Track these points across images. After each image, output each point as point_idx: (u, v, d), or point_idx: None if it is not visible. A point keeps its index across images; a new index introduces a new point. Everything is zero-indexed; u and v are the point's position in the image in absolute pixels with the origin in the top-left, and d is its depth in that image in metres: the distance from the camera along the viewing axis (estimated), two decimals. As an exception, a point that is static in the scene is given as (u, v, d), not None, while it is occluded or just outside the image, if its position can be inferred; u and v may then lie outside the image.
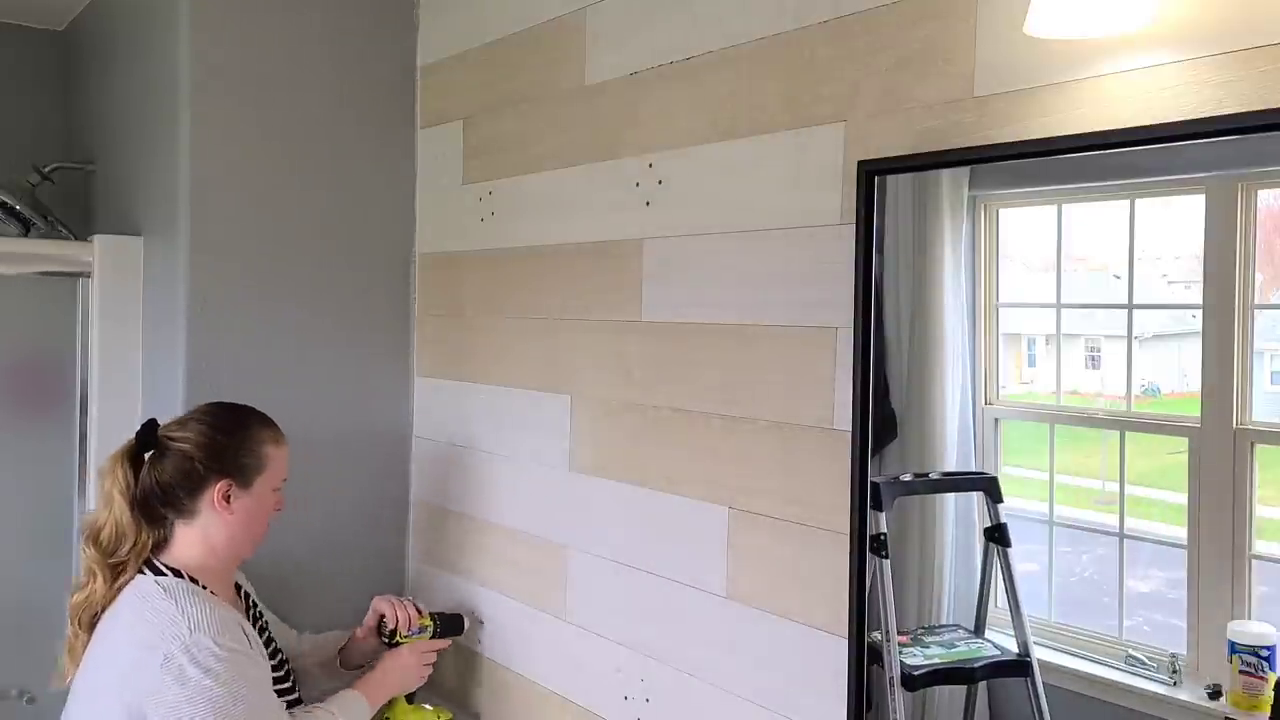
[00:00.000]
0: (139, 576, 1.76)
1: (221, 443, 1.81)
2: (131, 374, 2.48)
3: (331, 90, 2.41)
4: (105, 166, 2.79)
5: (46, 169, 2.72)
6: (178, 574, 1.76)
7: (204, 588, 1.77)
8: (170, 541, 1.79)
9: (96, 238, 2.48)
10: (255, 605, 1.97)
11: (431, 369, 2.49)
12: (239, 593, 1.92)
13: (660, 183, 1.84)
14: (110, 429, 2.45)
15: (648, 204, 1.87)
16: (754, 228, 1.67)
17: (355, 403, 2.46)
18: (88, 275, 2.48)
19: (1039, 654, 1.31)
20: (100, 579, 1.74)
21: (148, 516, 1.78)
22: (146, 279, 2.48)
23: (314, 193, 2.39)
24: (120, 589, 1.75)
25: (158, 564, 1.77)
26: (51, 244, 2.54)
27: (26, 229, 2.62)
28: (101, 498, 1.80)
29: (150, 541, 1.78)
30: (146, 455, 1.82)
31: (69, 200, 2.85)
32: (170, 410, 2.28)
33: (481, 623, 2.30)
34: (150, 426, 1.83)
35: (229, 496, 1.79)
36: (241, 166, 2.31)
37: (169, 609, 1.69)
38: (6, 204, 2.59)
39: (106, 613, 1.75)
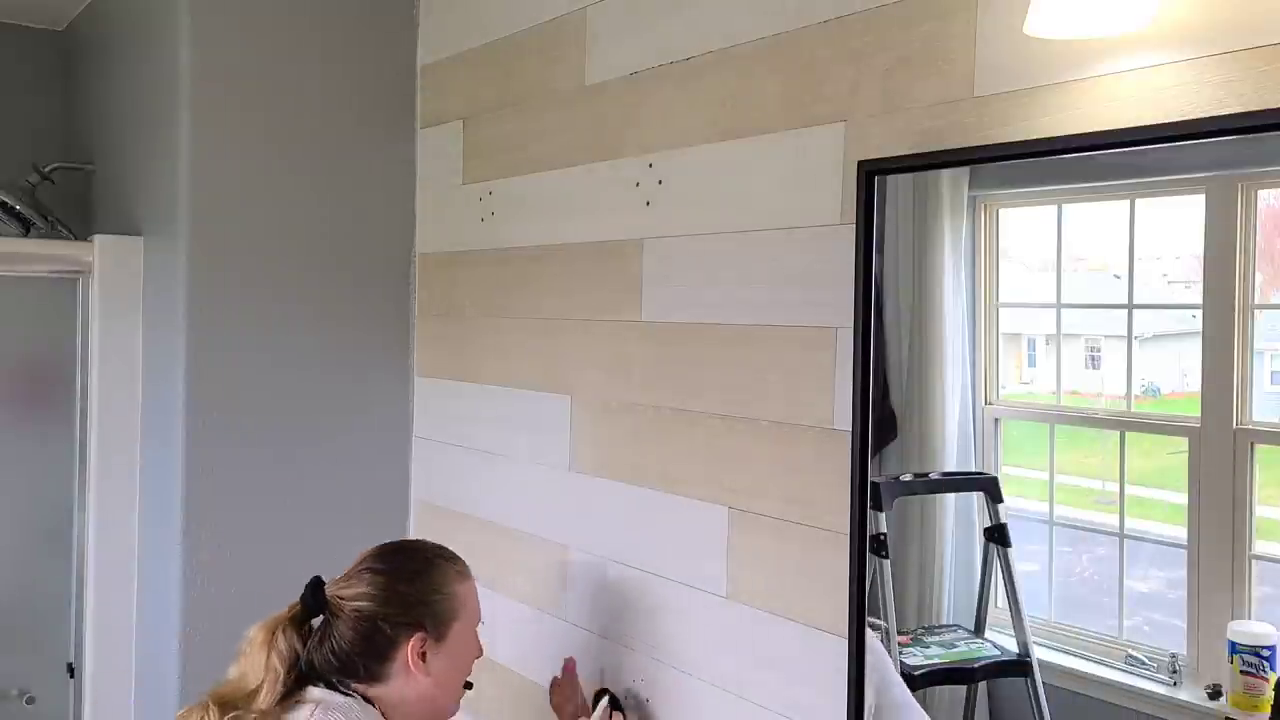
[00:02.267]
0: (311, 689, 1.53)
1: (404, 591, 1.58)
2: (131, 374, 2.48)
3: (331, 90, 2.41)
4: (105, 166, 2.79)
5: (46, 169, 2.72)
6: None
7: None
8: None
9: (96, 238, 2.49)
10: None
11: (431, 369, 2.49)
12: None
13: (660, 183, 1.84)
14: (110, 429, 2.45)
15: (648, 204, 1.87)
16: (754, 228, 1.67)
17: (355, 403, 2.46)
18: (88, 275, 2.48)
19: (1039, 654, 1.31)
20: None
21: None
22: (146, 279, 2.48)
23: (314, 193, 2.39)
24: None
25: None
26: (51, 244, 2.54)
27: (26, 229, 2.63)
28: (251, 667, 1.52)
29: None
30: (315, 621, 1.57)
31: (69, 200, 2.85)
32: (170, 411, 2.29)
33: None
34: (317, 586, 1.58)
35: (424, 654, 1.56)
36: (241, 166, 2.31)
37: None
38: (6, 204, 2.59)
39: None
